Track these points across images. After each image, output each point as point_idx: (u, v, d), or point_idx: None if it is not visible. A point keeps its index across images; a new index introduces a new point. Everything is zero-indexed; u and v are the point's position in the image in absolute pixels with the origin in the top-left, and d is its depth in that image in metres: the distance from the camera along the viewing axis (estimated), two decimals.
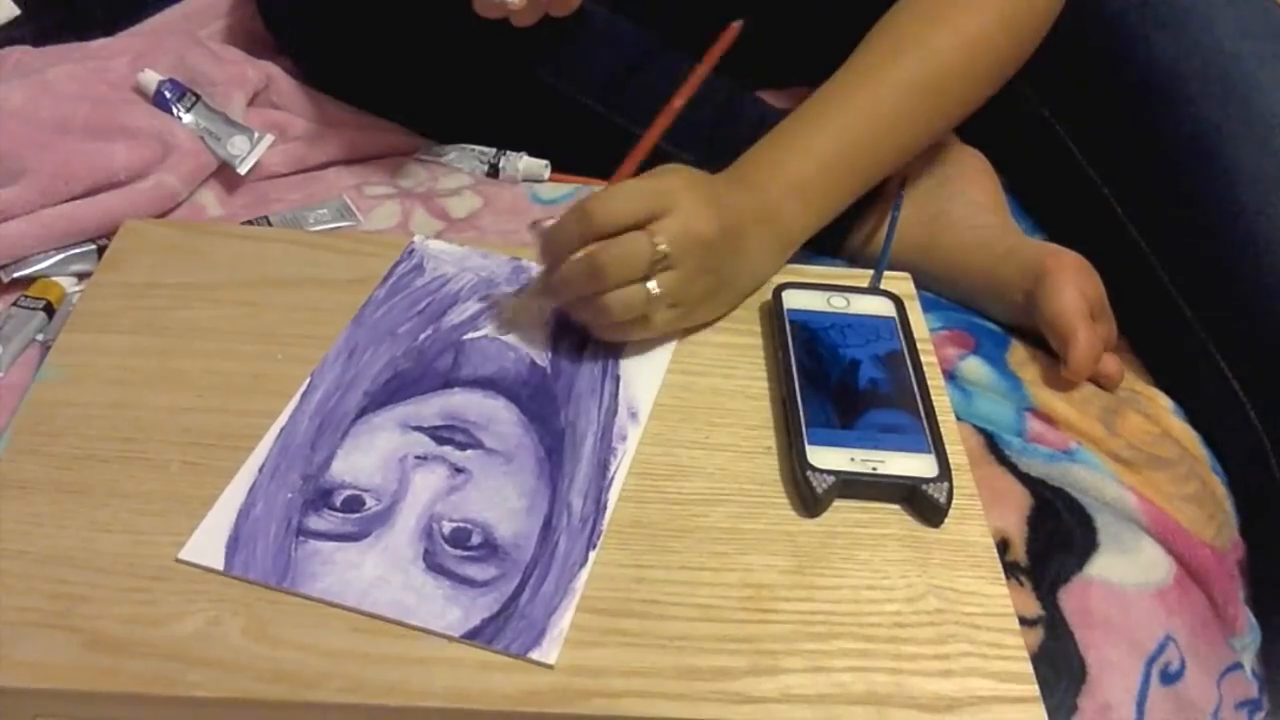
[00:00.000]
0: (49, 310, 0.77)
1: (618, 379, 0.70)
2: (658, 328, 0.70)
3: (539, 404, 0.68)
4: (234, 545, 0.59)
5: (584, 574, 0.59)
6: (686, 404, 0.69)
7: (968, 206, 0.87)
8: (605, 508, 0.63)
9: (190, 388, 0.67)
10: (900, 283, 0.79)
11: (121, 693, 0.52)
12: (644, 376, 0.71)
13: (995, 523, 0.67)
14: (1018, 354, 0.82)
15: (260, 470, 0.63)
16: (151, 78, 0.92)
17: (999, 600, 0.60)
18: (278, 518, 0.61)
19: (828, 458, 0.64)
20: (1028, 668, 0.57)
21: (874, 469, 0.64)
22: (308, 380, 0.68)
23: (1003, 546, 0.68)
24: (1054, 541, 0.70)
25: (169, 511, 0.60)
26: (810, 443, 0.65)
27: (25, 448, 0.63)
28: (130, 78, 0.93)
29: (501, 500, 0.63)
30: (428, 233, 0.86)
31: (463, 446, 0.65)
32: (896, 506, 0.64)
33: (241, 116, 0.93)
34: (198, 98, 0.92)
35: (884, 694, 0.55)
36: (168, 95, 0.91)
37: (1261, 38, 0.85)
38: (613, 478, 0.64)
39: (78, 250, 0.81)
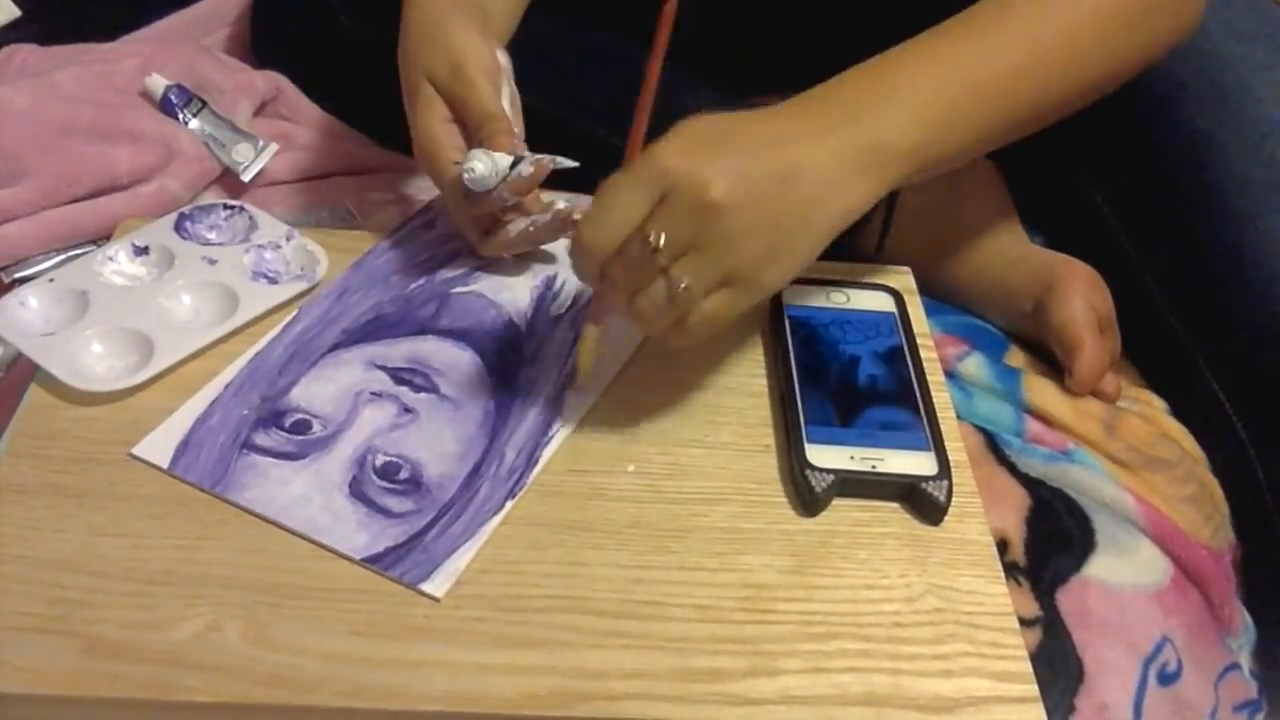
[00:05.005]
0: None
1: None
2: (719, 318, 0.60)
3: (505, 360, 0.70)
4: (182, 449, 0.63)
5: (496, 520, 0.61)
6: (686, 402, 0.69)
7: (979, 212, 0.87)
8: (536, 463, 0.64)
9: (189, 389, 0.67)
10: (900, 277, 0.79)
11: (120, 698, 0.53)
12: (615, 348, 0.71)
13: (994, 523, 0.67)
14: (1016, 357, 0.82)
15: (226, 387, 0.67)
16: (159, 82, 0.92)
17: (998, 599, 0.60)
18: (229, 430, 0.65)
19: (827, 456, 0.64)
20: (1027, 667, 0.57)
21: (873, 467, 0.64)
22: (294, 312, 0.72)
23: (1001, 547, 0.68)
24: (1052, 542, 0.70)
25: (168, 515, 0.60)
26: (809, 441, 0.65)
27: (23, 451, 0.63)
28: (137, 82, 0.94)
29: (439, 442, 0.65)
30: None
31: (418, 389, 0.68)
32: (896, 505, 0.64)
33: (247, 124, 0.93)
34: (204, 104, 0.92)
35: (883, 695, 0.55)
36: (174, 100, 0.91)
37: (1256, 42, 0.84)
38: (552, 436, 0.66)
39: (79, 252, 0.82)
